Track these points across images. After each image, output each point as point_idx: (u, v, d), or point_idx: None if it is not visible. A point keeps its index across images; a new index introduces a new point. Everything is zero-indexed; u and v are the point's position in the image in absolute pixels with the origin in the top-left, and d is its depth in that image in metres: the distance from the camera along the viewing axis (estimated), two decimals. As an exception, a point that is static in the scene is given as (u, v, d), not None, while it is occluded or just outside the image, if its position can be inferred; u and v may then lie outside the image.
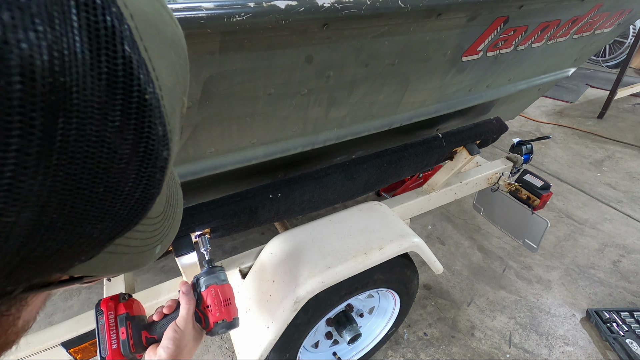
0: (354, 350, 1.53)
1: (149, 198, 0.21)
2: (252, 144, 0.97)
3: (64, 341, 1.01)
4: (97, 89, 0.15)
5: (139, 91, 0.17)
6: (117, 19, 0.16)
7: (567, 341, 1.77)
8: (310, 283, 1.01)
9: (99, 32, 0.15)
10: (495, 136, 1.54)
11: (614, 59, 5.51)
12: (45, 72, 0.14)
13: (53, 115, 0.14)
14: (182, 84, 0.24)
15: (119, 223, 0.20)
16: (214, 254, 2.18)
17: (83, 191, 0.17)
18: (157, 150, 0.19)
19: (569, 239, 2.39)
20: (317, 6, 0.67)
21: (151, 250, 0.27)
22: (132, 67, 0.17)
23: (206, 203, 1.02)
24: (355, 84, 0.96)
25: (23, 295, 0.21)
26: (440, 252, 2.27)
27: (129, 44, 0.17)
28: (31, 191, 0.15)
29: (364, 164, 1.25)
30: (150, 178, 0.20)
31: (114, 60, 0.16)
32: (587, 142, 3.58)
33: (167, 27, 0.22)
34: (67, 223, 0.17)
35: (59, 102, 0.14)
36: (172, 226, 0.29)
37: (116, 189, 0.18)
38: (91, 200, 0.17)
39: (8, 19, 0.13)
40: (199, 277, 0.80)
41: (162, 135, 0.19)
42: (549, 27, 1.22)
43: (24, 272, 0.17)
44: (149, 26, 0.19)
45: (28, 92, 0.13)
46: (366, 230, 1.19)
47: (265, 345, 1.02)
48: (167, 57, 0.21)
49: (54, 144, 0.14)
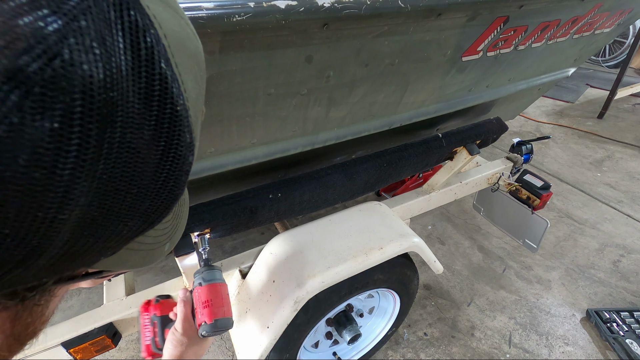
0: (354, 350, 1.53)
1: (173, 198, 0.23)
2: (252, 144, 0.97)
3: (64, 341, 1.01)
4: (137, 101, 0.17)
5: (171, 103, 0.19)
6: (155, 39, 0.18)
7: (567, 341, 1.77)
8: (310, 283, 1.01)
9: (140, 52, 0.17)
10: (495, 136, 1.54)
11: (614, 59, 5.50)
12: (100, 89, 0.16)
13: (104, 126, 0.16)
14: (202, 94, 0.26)
15: (145, 221, 0.22)
16: (214, 254, 2.18)
17: (120, 192, 0.19)
18: (185, 156, 0.21)
19: (569, 239, 2.39)
20: (317, 6, 0.67)
21: (161, 247, 0.28)
22: (167, 82, 0.19)
23: (206, 203, 1.02)
24: (355, 84, 0.96)
25: (53, 287, 0.23)
26: (440, 252, 2.27)
27: (164, 61, 0.19)
28: (82, 192, 0.17)
29: (364, 164, 1.25)
30: (177, 181, 0.22)
31: (152, 76, 0.18)
32: (587, 142, 3.58)
33: (191, 44, 0.24)
34: (105, 220, 0.19)
35: (109, 114, 0.16)
36: (179, 224, 0.31)
37: (147, 190, 0.20)
38: (126, 200, 0.19)
39: (73, 43, 0.15)
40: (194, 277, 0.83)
41: (189, 142, 0.21)
42: (549, 27, 1.22)
43: (62, 265, 0.19)
44: (178, 44, 0.21)
45: (87, 106, 0.15)
46: (366, 230, 1.19)
47: (265, 345, 1.02)
48: (192, 71, 0.23)
49: (102, 151, 0.16)
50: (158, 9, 0.19)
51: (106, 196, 0.18)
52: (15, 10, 0.14)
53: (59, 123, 0.15)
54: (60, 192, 0.16)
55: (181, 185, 0.23)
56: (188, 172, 0.23)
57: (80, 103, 0.15)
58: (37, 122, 0.14)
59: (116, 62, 0.16)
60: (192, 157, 0.22)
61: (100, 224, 0.19)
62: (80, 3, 0.15)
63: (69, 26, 0.15)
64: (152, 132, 0.19)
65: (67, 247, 0.18)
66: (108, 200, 0.18)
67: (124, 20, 0.17)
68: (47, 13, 0.14)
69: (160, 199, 0.22)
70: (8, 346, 0.23)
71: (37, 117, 0.14)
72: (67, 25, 0.15)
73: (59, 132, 0.15)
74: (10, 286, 0.18)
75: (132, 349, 1.70)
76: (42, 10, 0.14)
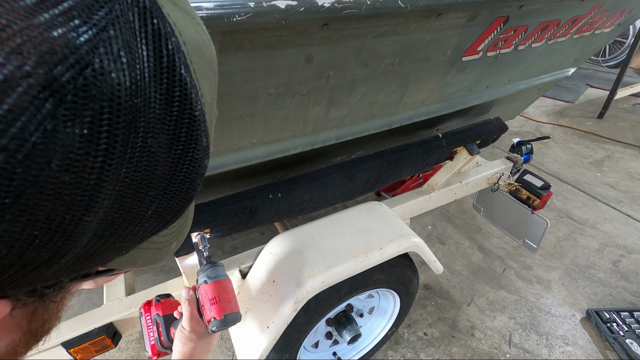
0: (354, 350, 1.53)
1: (188, 200, 0.23)
2: (252, 144, 0.97)
3: (64, 341, 1.01)
4: (158, 107, 0.18)
5: (190, 109, 0.20)
6: (176, 47, 0.19)
7: (567, 341, 1.77)
8: (310, 283, 1.01)
9: (162, 59, 0.18)
10: (495, 136, 1.54)
11: (614, 59, 5.50)
12: (127, 96, 0.16)
13: (128, 131, 0.17)
14: (215, 99, 0.27)
15: (161, 222, 0.23)
16: (214, 254, 2.18)
17: (139, 194, 0.19)
18: (201, 159, 0.22)
19: (569, 239, 2.39)
20: (317, 6, 0.67)
21: (169, 245, 0.29)
22: (186, 88, 0.19)
23: (206, 203, 1.02)
24: (355, 84, 0.96)
25: (69, 284, 0.24)
26: (440, 252, 2.27)
27: (184, 68, 0.19)
28: (107, 195, 0.17)
29: (364, 164, 1.25)
30: (192, 183, 0.22)
31: (172, 82, 0.18)
32: (587, 142, 3.58)
33: (207, 50, 0.24)
34: (124, 222, 0.20)
35: (134, 120, 0.17)
36: (186, 224, 0.32)
37: (164, 192, 0.21)
38: (144, 202, 0.20)
39: (103, 53, 0.15)
40: (197, 275, 0.83)
41: (205, 146, 0.22)
42: (549, 27, 1.22)
43: (81, 265, 0.20)
44: (196, 50, 0.21)
45: (114, 113, 0.16)
46: (366, 230, 1.19)
47: (265, 345, 1.02)
48: (208, 77, 0.23)
49: (125, 155, 0.17)
50: (177, 17, 0.20)
51: (126, 198, 0.19)
52: (50, 22, 0.14)
53: (88, 129, 0.15)
54: (87, 195, 0.16)
55: (196, 187, 0.23)
56: (203, 175, 0.23)
57: (108, 110, 0.16)
58: (69, 129, 0.15)
59: (140, 70, 0.17)
60: (207, 160, 0.23)
61: (120, 225, 0.20)
62: (109, 13, 0.16)
63: (99, 36, 0.15)
64: (171, 136, 0.19)
65: (88, 247, 0.19)
66: (128, 202, 0.19)
67: (148, 29, 0.17)
68: (79, 24, 0.15)
69: (176, 200, 0.22)
70: (25, 342, 0.23)
71: (69, 124, 0.15)
72: (97, 36, 0.15)
73: (88, 138, 0.15)
74: (32, 284, 0.19)
75: (132, 349, 1.69)
76: (74, 22, 0.15)
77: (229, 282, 0.83)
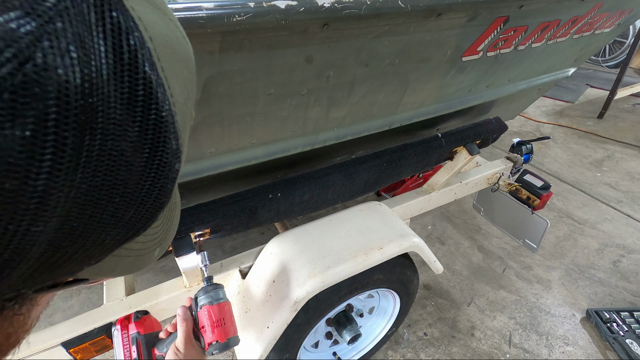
0: (354, 350, 1.53)
1: (159, 206, 0.22)
2: (252, 144, 0.97)
3: (64, 341, 1.01)
4: (119, 107, 0.17)
5: (156, 109, 0.18)
6: (139, 42, 0.17)
7: (567, 341, 1.77)
8: (310, 283, 1.01)
9: (123, 55, 0.17)
10: (495, 136, 1.54)
11: (614, 59, 5.50)
12: (78, 95, 0.15)
13: (82, 133, 0.15)
14: (191, 98, 0.25)
15: (130, 230, 0.21)
16: (214, 254, 2.18)
17: (101, 201, 0.18)
18: (170, 163, 0.20)
19: (569, 239, 2.39)
20: (317, 6, 0.67)
21: (151, 252, 0.27)
22: (151, 87, 0.18)
23: (206, 203, 1.02)
24: (355, 84, 0.96)
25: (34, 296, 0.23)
26: (440, 252, 2.27)
27: (149, 65, 0.18)
28: (58, 203, 0.16)
29: (364, 164, 1.25)
30: (162, 188, 0.21)
31: (135, 80, 0.17)
32: (587, 142, 3.58)
33: (181, 47, 0.23)
34: (85, 230, 0.18)
35: (87, 121, 0.15)
36: (170, 229, 0.30)
37: (131, 199, 0.19)
38: (108, 210, 0.18)
39: (47, 47, 0.14)
40: (197, 295, 0.80)
41: (175, 148, 0.20)
42: (549, 27, 1.22)
43: (40, 276, 0.18)
44: (166, 47, 0.20)
45: (62, 113, 0.14)
46: (366, 230, 1.19)
47: (265, 345, 1.02)
48: (181, 75, 0.22)
49: (80, 159, 0.16)
50: (144, 11, 0.19)
51: (86, 206, 0.17)
52: None
53: (32, 131, 0.14)
54: (34, 203, 0.15)
55: (167, 193, 0.22)
56: (174, 180, 0.22)
57: (55, 110, 0.14)
58: (7, 130, 0.13)
59: (96, 66, 0.15)
60: (178, 164, 0.21)
61: (81, 234, 0.18)
62: (57, 4, 0.14)
63: (43, 28, 0.14)
64: (135, 138, 0.18)
65: (45, 258, 0.17)
66: (88, 209, 0.17)
67: (106, 22, 0.16)
68: (20, 14, 0.14)
69: (145, 207, 0.21)
70: None
71: (7, 125, 0.13)
72: (42, 28, 0.14)
73: (31, 141, 0.14)
74: None
75: (132, 349, 1.69)
76: (14, 12, 0.13)
77: (230, 305, 0.82)
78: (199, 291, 0.81)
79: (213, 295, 0.79)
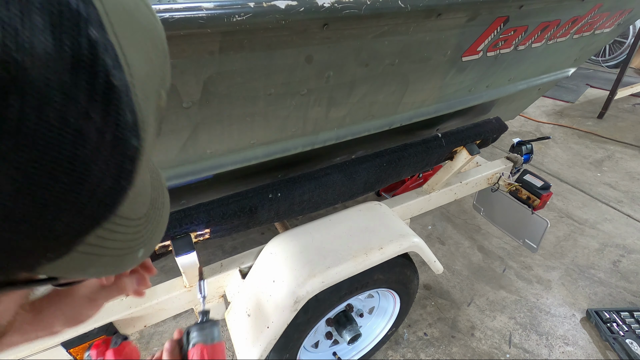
0: (354, 350, 1.53)
1: (118, 190, 0.20)
2: (252, 144, 0.97)
3: (64, 341, 1.01)
4: (60, 70, 0.15)
5: (105, 75, 0.17)
6: (82, 2, 0.16)
7: (567, 341, 1.77)
8: (310, 283, 1.01)
9: (62, 14, 0.15)
10: (495, 136, 1.54)
11: (614, 59, 5.50)
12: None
13: (4, 92, 0.13)
14: (160, 76, 0.23)
15: (87, 217, 0.19)
16: (214, 254, 2.18)
17: (42, 178, 0.16)
18: (125, 138, 0.18)
19: (569, 239, 2.39)
20: (317, 6, 0.67)
21: (134, 253, 0.25)
22: (97, 51, 0.16)
23: (206, 203, 1.02)
24: (355, 84, 0.96)
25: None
26: (440, 252, 2.27)
27: (96, 26, 0.16)
28: None
29: (364, 164, 1.25)
30: (119, 168, 0.19)
31: (77, 42, 0.15)
32: (587, 142, 3.58)
33: (142, 17, 0.21)
34: (27, 213, 0.16)
35: (13, 80, 0.14)
36: (156, 230, 0.28)
37: (80, 177, 0.17)
38: (53, 190, 0.16)
39: None
40: (189, 330, 0.75)
41: (131, 122, 0.18)
42: (549, 27, 1.22)
43: None
44: (122, 13, 0.19)
45: None
46: (366, 230, 1.19)
47: (265, 345, 1.02)
48: (142, 46, 0.21)
49: (7, 124, 0.14)
50: None
51: (24, 183, 0.15)
52: None
53: None
54: None
55: (125, 174, 0.19)
56: (134, 160, 0.19)
57: None
58: None
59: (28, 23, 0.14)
60: (136, 141, 0.19)
61: (22, 219, 0.16)
62: None
63: None
64: (82, 109, 0.16)
65: None
66: (26, 187, 0.15)
67: None
68: None
69: (101, 190, 0.18)
70: None
71: None
72: None
73: None
74: None
75: (132, 349, 1.69)
76: None
77: (224, 346, 0.77)
78: (192, 326, 0.75)
79: (209, 334, 0.73)
